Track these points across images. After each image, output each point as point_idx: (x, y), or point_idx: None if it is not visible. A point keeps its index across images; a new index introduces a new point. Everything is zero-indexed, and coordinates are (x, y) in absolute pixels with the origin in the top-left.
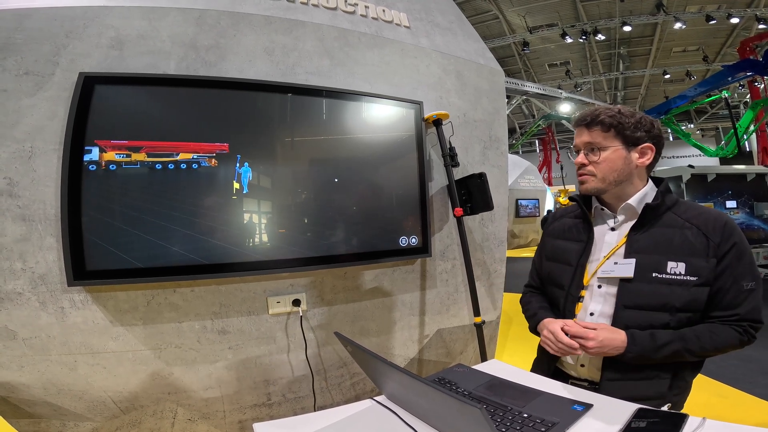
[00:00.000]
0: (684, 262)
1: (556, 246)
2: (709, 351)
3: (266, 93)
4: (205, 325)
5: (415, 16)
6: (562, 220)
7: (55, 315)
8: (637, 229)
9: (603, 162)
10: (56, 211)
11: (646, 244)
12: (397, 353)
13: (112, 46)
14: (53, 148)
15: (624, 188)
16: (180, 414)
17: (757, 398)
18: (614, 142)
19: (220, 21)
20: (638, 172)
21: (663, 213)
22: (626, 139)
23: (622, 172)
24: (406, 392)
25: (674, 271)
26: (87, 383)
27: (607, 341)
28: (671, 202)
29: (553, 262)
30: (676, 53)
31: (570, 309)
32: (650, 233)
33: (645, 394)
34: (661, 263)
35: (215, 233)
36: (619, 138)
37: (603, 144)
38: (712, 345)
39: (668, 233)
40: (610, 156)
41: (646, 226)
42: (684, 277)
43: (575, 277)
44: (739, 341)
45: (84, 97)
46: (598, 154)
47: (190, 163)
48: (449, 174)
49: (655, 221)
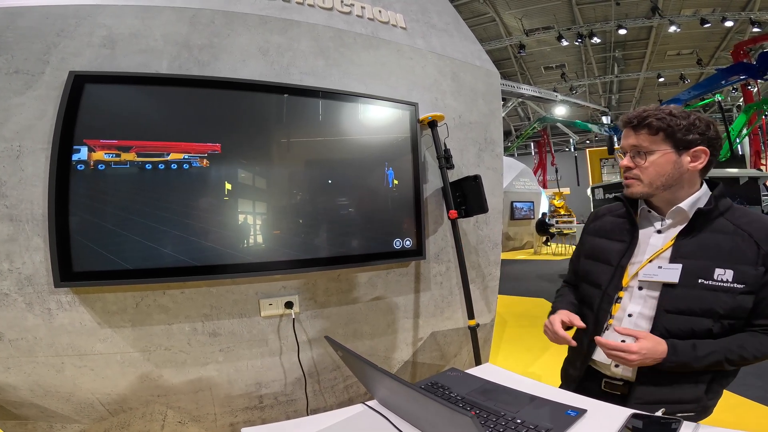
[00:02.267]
0: (732, 269)
1: (596, 244)
2: (749, 360)
3: (260, 93)
4: (195, 328)
5: (412, 18)
6: (604, 218)
7: (41, 316)
8: (686, 234)
9: (650, 166)
10: (44, 211)
11: (694, 249)
12: (390, 356)
13: (103, 44)
14: (42, 148)
15: (675, 192)
16: (170, 416)
17: (752, 401)
18: (663, 146)
19: (214, 20)
20: (690, 176)
21: (715, 218)
22: (677, 143)
23: (671, 176)
24: (397, 398)
25: (721, 278)
26: (74, 385)
27: (649, 354)
28: (725, 207)
29: (592, 260)
30: (671, 56)
31: (606, 309)
32: (699, 238)
33: (681, 397)
34: (708, 269)
35: (206, 234)
36: (669, 141)
37: (650, 148)
38: (753, 354)
39: (719, 239)
40: (658, 160)
41: (695, 231)
42: (731, 285)
43: (614, 278)
44: None
45: (73, 96)
46: (645, 158)
47: (181, 163)
48: (444, 176)
49: (706, 226)
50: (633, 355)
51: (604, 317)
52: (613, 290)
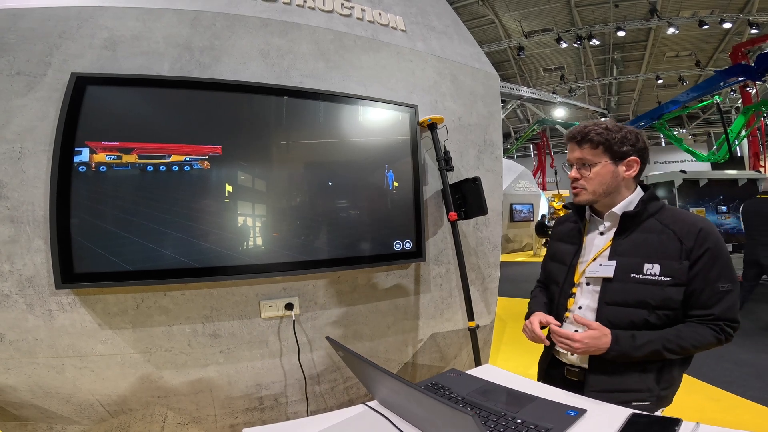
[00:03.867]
0: (659, 264)
1: (556, 247)
2: (688, 349)
3: (260, 95)
4: (195, 329)
5: (411, 20)
6: (564, 224)
7: (42, 317)
8: (620, 234)
9: (594, 177)
10: (45, 213)
11: (628, 247)
12: (390, 357)
13: (105, 46)
14: (43, 149)
15: (612, 198)
16: (170, 418)
17: (751, 401)
18: (603, 158)
19: (215, 23)
20: (626, 183)
21: (645, 219)
22: (614, 155)
23: (610, 184)
24: (398, 398)
25: (650, 272)
26: (74, 386)
27: (592, 343)
28: (655, 209)
29: (553, 261)
30: (669, 58)
31: (563, 303)
32: (632, 238)
33: (630, 386)
34: (639, 265)
35: (207, 236)
36: (607, 154)
37: (593, 160)
38: (690, 343)
39: (648, 237)
40: (599, 171)
41: (627, 231)
42: (659, 278)
43: (568, 276)
44: (715, 339)
45: (75, 98)
46: (589, 170)
47: (182, 165)
48: (444, 178)
49: (636, 227)
50: (576, 343)
51: (562, 310)
52: (568, 286)
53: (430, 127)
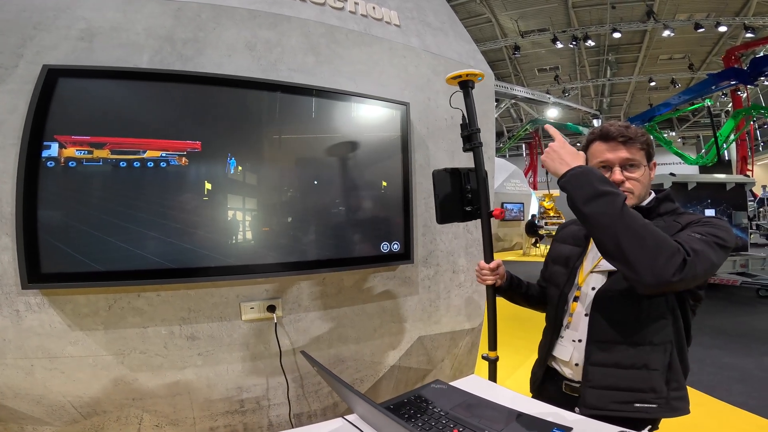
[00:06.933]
0: None
1: (559, 250)
2: (639, 233)
3: (243, 89)
4: (172, 331)
5: (407, 15)
6: (570, 227)
7: (10, 318)
8: None
9: (641, 179)
10: (12, 210)
11: None
12: (377, 361)
13: (81, 38)
14: (12, 143)
15: (641, 200)
16: (146, 420)
17: (734, 407)
18: (644, 160)
19: (200, 14)
20: (649, 185)
21: (654, 218)
22: (648, 157)
23: (648, 187)
24: (371, 416)
25: None
26: (45, 387)
27: (559, 151)
28: (666, 209)
29: (555, 264)
30: (663, 61)
31: (562, 307)
32: None
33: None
34: None
35: (183, 236)
36: (646, 156)
37: (641, 162)
38: (651, 232)
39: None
40: (644, 173)
41: None
42: None
43: (570, 277)
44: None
45: (46, 91)
46: (636, 172)
47: (158, 161)
48: (478, 158)
49: None
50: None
51: (561, 314)
52: (569, 288)
53: (462, 85)
